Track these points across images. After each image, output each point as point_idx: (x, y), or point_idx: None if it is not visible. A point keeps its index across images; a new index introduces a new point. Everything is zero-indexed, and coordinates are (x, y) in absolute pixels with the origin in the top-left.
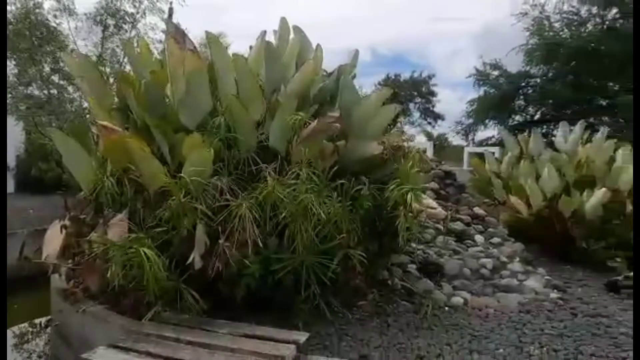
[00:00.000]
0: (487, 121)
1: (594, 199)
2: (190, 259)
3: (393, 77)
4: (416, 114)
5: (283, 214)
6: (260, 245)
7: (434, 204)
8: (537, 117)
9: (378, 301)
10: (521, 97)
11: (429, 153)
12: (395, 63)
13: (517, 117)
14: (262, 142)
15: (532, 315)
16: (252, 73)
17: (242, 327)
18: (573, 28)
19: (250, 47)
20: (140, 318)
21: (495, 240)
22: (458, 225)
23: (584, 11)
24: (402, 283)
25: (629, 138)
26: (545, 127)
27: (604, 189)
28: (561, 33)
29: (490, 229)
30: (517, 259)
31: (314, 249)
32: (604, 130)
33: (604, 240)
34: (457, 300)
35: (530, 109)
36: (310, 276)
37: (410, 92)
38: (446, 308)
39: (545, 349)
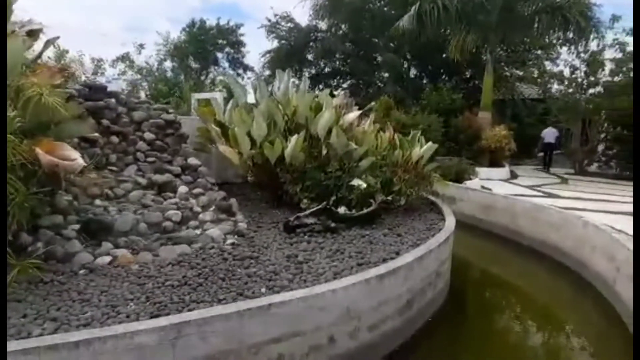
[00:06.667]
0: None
1: (290, 145)
2: None
3: (199, 22)
4: (225, 64)
5: None
6: None
7: (74, 155)
8: (327, 69)
9: None
10: (311, 50)
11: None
12: (226, 11)
13: (312, 70)
14: None
15: (180, 266)
16: None
17: None
18: None
19: None
20: None
21: (197, 190)
22: (165, 177)
23: None
24: (46, 248)
25: (388, 91)
26: (335, 79)
27: (296, 135)
28: None
29: (199, 179)
30: (213, 207)
31: None
32: (305, 79)
33: (302, 183)
34: (102, 260)
35: (321, 62)
36: None
37: (217, 40)
38: (81, 271)
39: (148, 302)
